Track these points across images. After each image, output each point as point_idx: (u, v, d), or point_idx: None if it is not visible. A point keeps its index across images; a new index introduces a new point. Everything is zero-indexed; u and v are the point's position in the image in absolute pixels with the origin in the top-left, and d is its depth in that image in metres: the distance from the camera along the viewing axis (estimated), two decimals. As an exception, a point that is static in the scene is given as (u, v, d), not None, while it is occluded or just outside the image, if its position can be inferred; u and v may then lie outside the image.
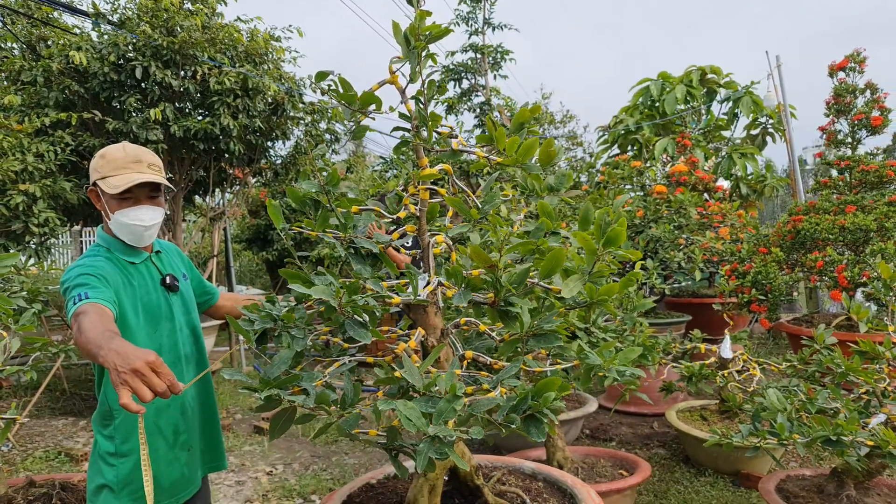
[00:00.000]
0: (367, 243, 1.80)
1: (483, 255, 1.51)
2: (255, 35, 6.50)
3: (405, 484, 2.40)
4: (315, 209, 1.80)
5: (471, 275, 1.66)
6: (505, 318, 1.63)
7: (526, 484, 2.36)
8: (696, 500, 4.02)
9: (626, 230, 1.61)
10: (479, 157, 1.84)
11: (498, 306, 1.64)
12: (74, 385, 7.37)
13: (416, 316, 1.87)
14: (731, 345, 4.51)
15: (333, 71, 1.67)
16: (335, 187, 1.77)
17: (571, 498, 2.30)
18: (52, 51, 5.72)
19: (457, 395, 1.41)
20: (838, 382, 3.36)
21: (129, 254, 1.96)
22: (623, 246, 1.64)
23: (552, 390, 1.48)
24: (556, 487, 2.40)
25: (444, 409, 1.39)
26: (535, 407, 1.47)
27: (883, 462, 3.05)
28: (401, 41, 1.70)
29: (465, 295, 1.61)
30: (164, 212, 2.02)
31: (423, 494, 2.01)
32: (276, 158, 7.83)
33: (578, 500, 2.22)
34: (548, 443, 3.78)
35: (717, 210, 6.65)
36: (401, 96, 1.78)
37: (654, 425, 5.51)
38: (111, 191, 1.85)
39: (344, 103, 1.66)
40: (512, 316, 1.62)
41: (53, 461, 4.94)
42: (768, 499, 3.30)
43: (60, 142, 5.48)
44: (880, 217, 5.11)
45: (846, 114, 5.70)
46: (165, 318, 1.97)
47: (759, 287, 5.12)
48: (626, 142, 12.36)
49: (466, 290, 1.62)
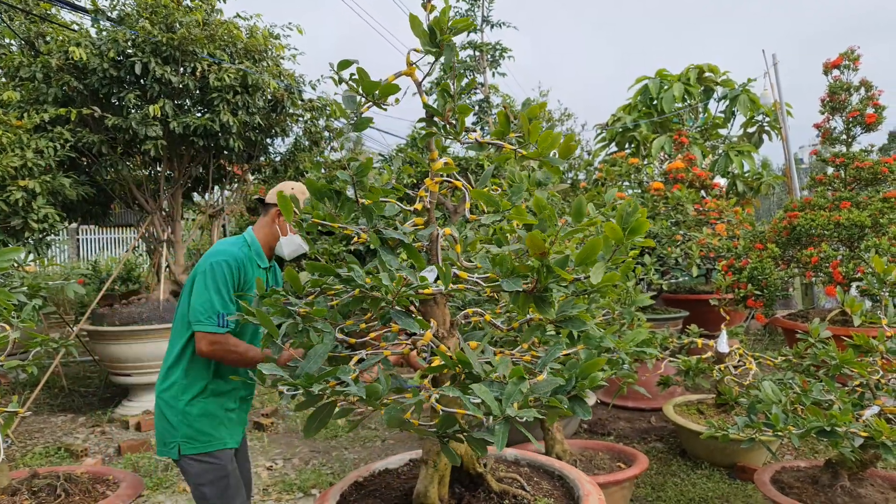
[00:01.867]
0: (395, 233, 1.82)
1: (539, 242, 1.53)
2: (254, 32, 6.51)
3: (395, 479, 2.44)
4: (336, 200, 1.82)
5: (516, 262, 1.68)
6: (541, 304, 1.66)
7: (512, 470, 2.40)
8: (692, 493, 4.06)
9: (646, 220, 1.67)
10: (507, 149, 1.87)
11: (536, 293, 1.67)
12: (73, 382, 7.38)
13: (426, 308, 1.90)
14: (727, 340, 4.56)
15: (357, 60, 1.70)
16: (364, 177, 1.79)
17: (560, 479, 2.34)
18: (51, 47, 5.72)
19: (523, 377, 1.47)
20: (833, 375, 3.40)
21: (261, 259, 2.54)
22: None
23: (597, 370, 1.56)
24: (543, 471, 2.44)
25: (511, 392, 1.45)
26: (580, 387, 1.55)
27: (876, 453, 3.10)
28: (420, 33, 1.72)
29: (515, 282, 1.63)
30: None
31: (433, 485, 2.04)
32: (275, 155, 7.84)
33: (569, 481, 2.27)
34: (546, 436, 3.81)
35: (714, 207, 6.69)
36: (417, 88, 1.81)
37: (652, 419, 5.55)
38: (285, 226, 2.55)
39: (363, 93, 1.69)
40: (548, 302, 1.65)
41: (53, 457, 4.96)
42: (764, 490, 3.34)
43: (60, 138, 5.49)
44: (875, 213, 5.16)
45: (841, 111, 5.73)
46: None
47: (755, 283, 5.16)
48: (623, 140, 12.41)
49: (515, 277, 1.64)
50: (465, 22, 1.72)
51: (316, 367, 1.57)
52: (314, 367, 1.57)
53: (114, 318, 5.91)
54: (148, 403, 6.06)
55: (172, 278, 6.53)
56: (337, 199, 1.80)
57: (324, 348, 1.62)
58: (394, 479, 2.44)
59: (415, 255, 1.79)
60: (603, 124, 13.02)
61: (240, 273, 2.41)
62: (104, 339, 5.91)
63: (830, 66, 5.91)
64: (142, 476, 4.56)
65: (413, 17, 1.71)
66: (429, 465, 2.08)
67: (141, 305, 6.06)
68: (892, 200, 5.22)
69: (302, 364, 1.59)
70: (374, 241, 1.79)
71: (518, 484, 2.20)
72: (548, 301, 1.65)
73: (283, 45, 6.82)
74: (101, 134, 5.89)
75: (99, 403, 6.51)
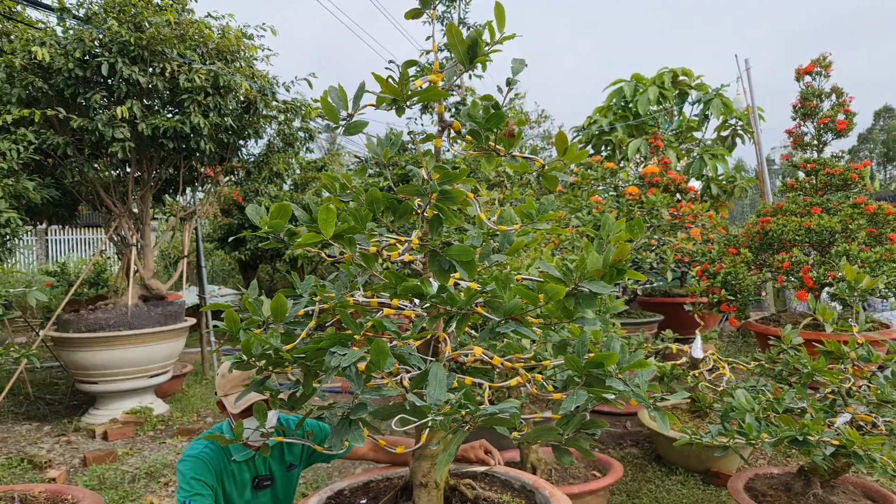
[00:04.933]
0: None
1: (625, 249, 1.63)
2: (226, 32, 6.39)
3: (363, 494, 2.39)
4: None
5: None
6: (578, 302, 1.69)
7: (485, 485, 2.38)
8: (667, 499, 4.06)
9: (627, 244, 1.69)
10: (537, 164, 1.92)
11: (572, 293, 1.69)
12: (39, 388, 7.19)
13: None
14: (701, 345, 4.57)
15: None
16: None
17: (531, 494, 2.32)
18: (15, 46, 5.55)
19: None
20: (804, 382, 3.42)
21: (237, 449, 2.30)
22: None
23: (614, 360, 1.62)
24: (513, 487, 2.41)
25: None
26: (595, 376, 1.63)
27: (848, 461, 3.11)
28: (455, 42, 1.75)
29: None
30: (276, 414, 2.32)
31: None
32: (248, 157, 7.72)
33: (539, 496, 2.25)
34: (521, 444, 3.78)
35: (689, 211, 6.73)
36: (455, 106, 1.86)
37: (628, 425, 5.56)
38: (234, 410, 2.23)
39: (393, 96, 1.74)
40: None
41: (16, 468, 4.81)
42: (737, 498, 3.34)
43: (23, 140, 5.32)
44: (845, 219, 5.22)
45: (812, 117, 5.80)
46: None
47: (728, 287, 5.19)
48: (599, 142, 12.47)
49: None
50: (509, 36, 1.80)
51: (441, 394, 1.53)
52: (440, 394, 1.53)
53: (80, 325, 5.76)
54: (114, 412, 5.92)
55: (141, 283, 6.38)
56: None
57: (442, 372, 1.58)
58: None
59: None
60: (579, 127, 13.07)
61: (213, 475, 2.31)
62: (70, 345, 5.76)
63: (802, 73, 5.98)
64: (108, 488, 4.44)
65: (451, 25, 1.79)
66: (429, 487, 2.04)
67: (108, 311, 5.90)
68: (862, 206, 5.29)
69: (427, 392, 1.55)
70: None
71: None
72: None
73: (257, 46, 6.71)
74: (67, 135, 5.73)
75: (65, 412, 6.34)
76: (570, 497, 2.71)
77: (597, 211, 6.06)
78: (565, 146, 1.86)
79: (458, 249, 1.70)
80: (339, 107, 1.71)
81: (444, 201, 1.76)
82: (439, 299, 1.65)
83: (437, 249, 1.73)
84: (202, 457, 2.29)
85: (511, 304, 1.66)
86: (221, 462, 2.34)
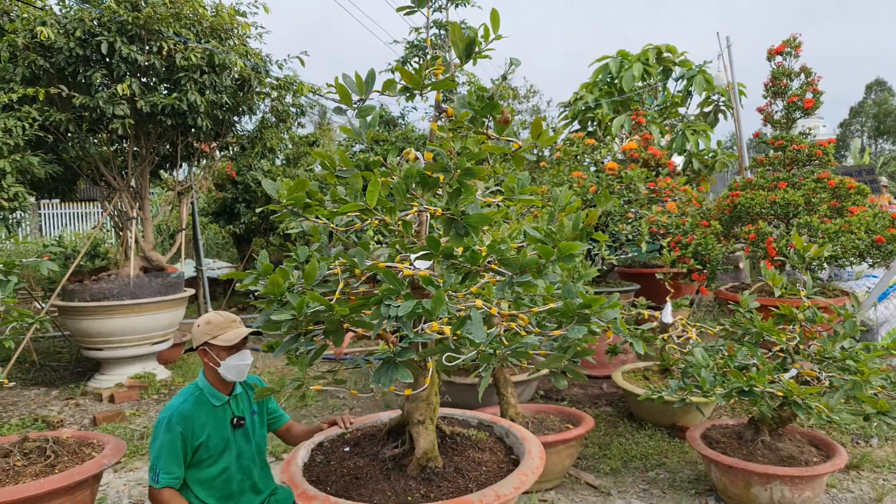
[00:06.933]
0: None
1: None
2: (220, 10, 6.57)
3: (343, 444, 2.87)
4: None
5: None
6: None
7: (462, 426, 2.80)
8: (635, 450, 4.44)
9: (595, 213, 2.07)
10: (515, 146, 2.31)
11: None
12: (43, 357, 7.48)
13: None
14: (672, 311, 4.93)
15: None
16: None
17: (506, 436, 2.68)
18: (17, 25, 5.72)
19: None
20: (756, 342, 3.77)
21: (215, 398, 2.59)
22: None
23: (599, 302, 1.98)
24: (491, 428, 2.77)
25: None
26: (584, 315, 2.00)
27: (793, 411, 3.48)
28: (456, 40, 2.09)
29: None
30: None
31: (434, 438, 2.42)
32: (242, 133, 7.94)
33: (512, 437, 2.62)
34: (501, 400, 4.13)
35: (666, 185, 7.05)
36: (445, 94, 2.16)
37: (604, 386, 5.94)
38: (226, 343, 2.51)
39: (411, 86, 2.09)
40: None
41: (30, 427, 5.12)
42: (694, 444, 3.72)
43: (28, 117, 5.54)
44: (808, 192, 5.55)
45: (782, 96, 6.10)
46: (231, 449, 2.60)
47: (698, 257, 5.53)
48: (585, 118, 12.70)
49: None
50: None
51: (482, 333, 1.91)
52: (482, 334, 1.90)
53: (84, 294, 6.03)
54: (119, 377, 6.22)
55: (142, 254, 6.65)
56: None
57: (479, 316, 1.95)
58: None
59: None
60: (566, 102, 13.28)
61: (185, 425, 2.47)
62: (75, 314, 6.04)
63: (774, 53, 6.25)
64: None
65: (454, 24, 2.12)
66: (426, 423, 2.41)
67: (111, 282, 6.18)
68: (825, 181, 5.62)
69: (468, 329, 1.91)
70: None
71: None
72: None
73: (250, 24, 6.90)
74: (68, 112, 5.95)
75: (71, 377, 6.65)
76: (545, 445, 3.07)
77: (577, 186, 6.36)
78: (539, 132, 2.21)
79: (477, 217, 2.03)
80: (354, 91, 2.01)
81: (465, 177, 2.08)
82: (465, 258, 1.98)
83: (457, 217, 2.04)
84: (182, 410, 2.50)
85: (526, 260, 1.98)
86: (202, 409, 2.55)
